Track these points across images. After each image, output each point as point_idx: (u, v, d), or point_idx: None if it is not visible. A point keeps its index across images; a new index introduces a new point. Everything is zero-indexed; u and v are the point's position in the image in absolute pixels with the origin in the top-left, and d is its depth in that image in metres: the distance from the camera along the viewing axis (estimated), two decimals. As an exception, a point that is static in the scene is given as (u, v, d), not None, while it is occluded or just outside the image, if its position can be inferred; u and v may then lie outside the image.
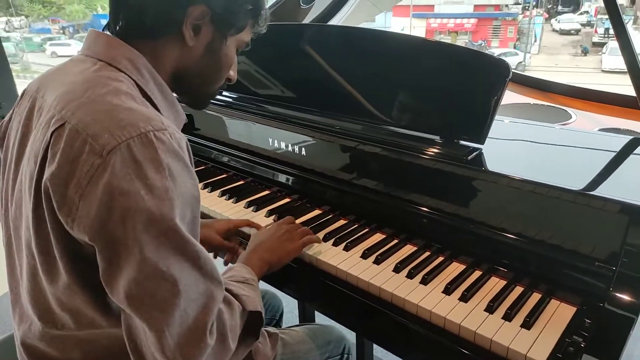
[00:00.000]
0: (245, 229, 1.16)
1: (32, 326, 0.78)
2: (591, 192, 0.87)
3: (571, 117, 1.60)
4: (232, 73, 0.88)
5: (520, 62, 19.97)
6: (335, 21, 2.19)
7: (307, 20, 2.14)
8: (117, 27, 0.76)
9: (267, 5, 0.87)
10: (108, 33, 0.78)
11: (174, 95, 0.83)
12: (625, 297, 0.78)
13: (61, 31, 24.87)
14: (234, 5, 0.78)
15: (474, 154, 1.02)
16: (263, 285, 1.14)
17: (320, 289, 1.05)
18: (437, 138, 1.09)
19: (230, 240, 1.12)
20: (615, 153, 1.09)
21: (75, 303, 0.72)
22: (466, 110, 1.06)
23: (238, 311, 0.76)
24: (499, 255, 0.97)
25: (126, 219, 0.60)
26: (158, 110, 0.76)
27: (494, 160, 1.02)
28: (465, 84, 1.06)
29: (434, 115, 1.13)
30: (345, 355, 1.13)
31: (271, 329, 1.04)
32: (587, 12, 25.52)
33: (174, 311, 0.63)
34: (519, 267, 0.95)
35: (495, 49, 22.54)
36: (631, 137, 1.15)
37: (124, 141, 0.62)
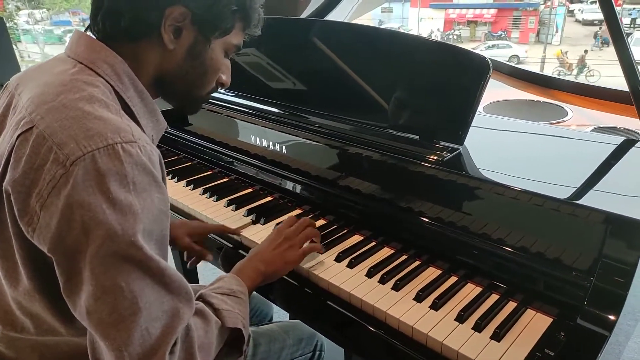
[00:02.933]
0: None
1: None
2: (570, 200, 0.83)
3: (567, 115, 1.53)
4: (224, 77, 0.84)
5: (514, 54, 19.22)
6: (341, 12, 2.14)
7: (306, 12, 2.10)
8: (98, 30, 0.74)
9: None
10: (91, 35, 0.76)
11: (164, 102, 0.81)
12: (599, 313, 0.74)
13: (81, 23, 25.23)
14: (215, 6, 0.74)
15: (452, 155, 0.98)
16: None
17: (295, 294, 1.03)
18: (415, 138, 1.05)
19: (201, 244, 1.10)
20: (604, 157, 1.03)
21: (35, 308, 0.71)
22: (444, 109, 1.02)
23: (215, 327, 0.73)
24: (476, 261, 0.93)
25: (85, 232, 0.58)
26: (136, 118, 0.74)
27: (472, 162, 0.98)
28: (443, 82, 1.01)
29: (411, 114, 1.09)
30: (317, 352, 1.11)
31: None
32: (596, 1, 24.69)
33: (133, 330, 0.60)
34: (496, 273, 0.91)
35: (483, 43, 21.89)
36: (623, 138, 1.09)
37: (89, 152, 0.59)
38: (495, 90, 1.81)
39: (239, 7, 0.77)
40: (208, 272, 2.22)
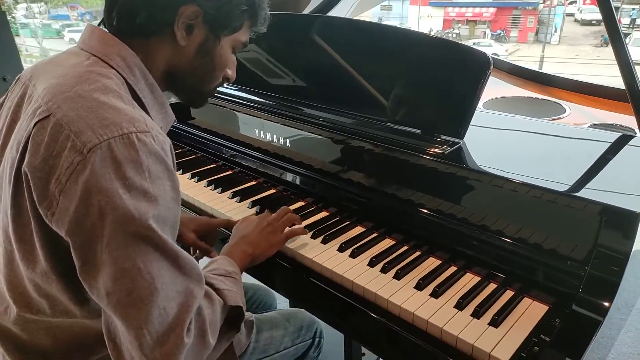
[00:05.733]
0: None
1: (9, 309, 0.80)
2: (565, 192, 0.86)
3: (565, 112, 1.57)
4: (230, 72, 0.88)
5: (494, 53, 19.24)
6: (342, 9, 2.17)
7: (309, 8, 2.12)
8: (112, 24, 0.77)
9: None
10: (104, 29, 0.78)
11: (169, 94, 0.84)
12: (593, 299, 0.77)
13: (79, 18, 25.15)
14: (227, 5, 0.78)
15: (453, 148, 1.01)
16: (256, 281, 1.16)
17: (298, 282, 1.06)
18: (417, 132, 1.08)
19: (207, 239, 1.13)
20: (600, 153, 1.06)
21: (51, 290, 0.73)
22: (445, 104, 1.05)
23: (219, 306, 0.77)
24: (475, 251, 0.96)
25: (103, 216, 0.61)
26: (146, 109, 0.77)
27: (472, 155, 1.01)
28: (444, 78, 1.04)
29: (413, 109, 1.12)
30: (317, 339, 1.14)
31: (247, 315, 1.05)
32: (574, 1, 24.72)
33: (151, 309, 0.63)
34: (494, 263, 0.94)
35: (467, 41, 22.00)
36: (619, 134, 1.12)
37: (106, 140, 0.62)
38: (495, 87, 1.84)
39: (249, 7, 0.80)
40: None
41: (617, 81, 1.35)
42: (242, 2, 0.79)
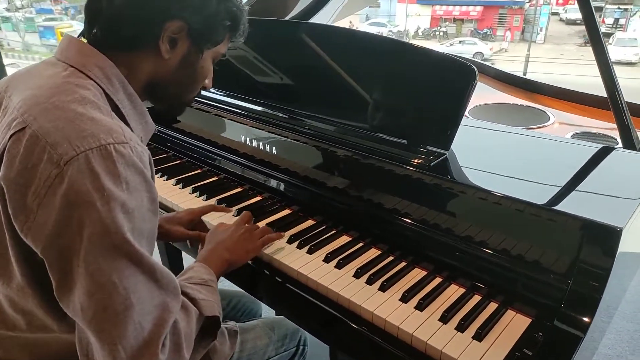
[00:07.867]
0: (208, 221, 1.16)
1: None
2: (549, 206, 0.86)
3: (549, 119, 1.58)
4: (208, 82, 0.89)
5: (478, 51, 19.52)
6: (326, 13, 2.16)
7: (295, 12, 2.11)
8: (92, 36, 0.77)
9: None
10: (83, 40, 0.78)
11: (149, 104, 0.84)
12: (575, 315, 0.78)
13: (63, 12, 24.75)
14: (211, 21, 0.79)
15: (438, 159, 1.01)
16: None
17: (284, 293, 1.05)
18: (403, 142, 1.08)
19: (197, 228, 1.13)
20: (582, 164, 1.07)
21: (27, 305, 0.72)
22: (431, 115, 1.05)
23: (195, 317, 0.76)
24: (460, 263, 0.97)
25: (81, 229, 0.61)
26: (125, 120, 0.76)
27: (458, 167, 1.01)
28: (430, 88, 1.04)
29: (400, 119, 1.11)
30: (301, 347, 1.14)
31: (231, 325, 1.05)
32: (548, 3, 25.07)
33: (127, 324, 0.63)
34: (478, 275, 0.94)
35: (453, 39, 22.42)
36: (601, 145, 1.13)
37: (83, 152, 0.62)
38: (481, 93, 1.85)
39: (231, 21, 0.82)
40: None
41: (599, 81, 1.35)
42: (225, 17, 0.81)
